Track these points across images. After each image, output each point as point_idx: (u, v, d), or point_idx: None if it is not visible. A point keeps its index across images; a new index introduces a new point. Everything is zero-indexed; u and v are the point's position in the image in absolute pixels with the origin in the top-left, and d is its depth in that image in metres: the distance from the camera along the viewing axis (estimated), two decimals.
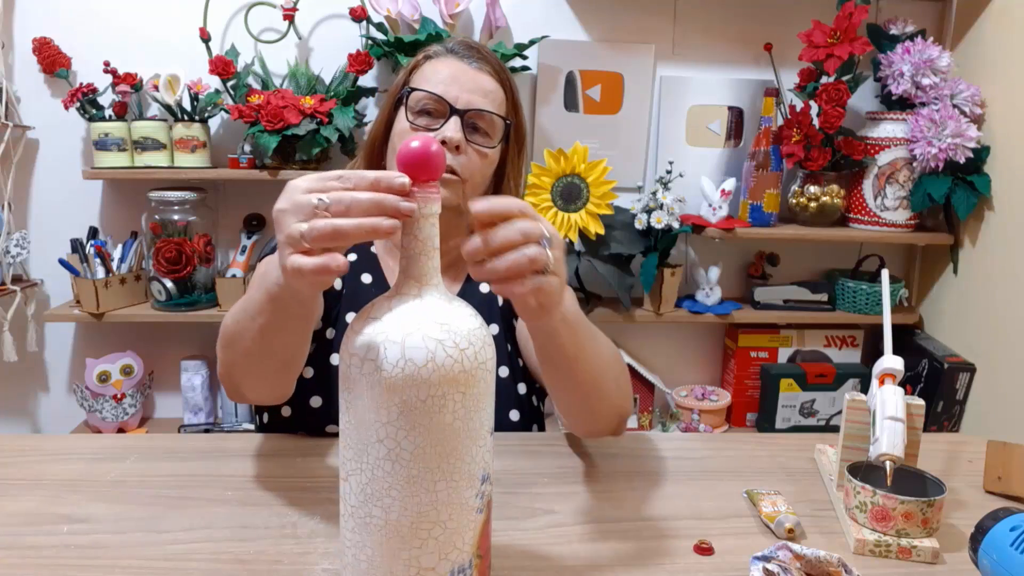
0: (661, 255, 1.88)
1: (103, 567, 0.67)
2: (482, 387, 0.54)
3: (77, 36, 1.81)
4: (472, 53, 0.99)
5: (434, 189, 0.54)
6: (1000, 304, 1.77)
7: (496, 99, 0.98)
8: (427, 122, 0.95)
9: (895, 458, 0.76)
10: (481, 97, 0.96)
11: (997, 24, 1.82)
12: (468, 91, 0.95)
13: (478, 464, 0.55)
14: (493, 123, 0.97)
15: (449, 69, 0.97)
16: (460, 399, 0.52)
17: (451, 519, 0.53)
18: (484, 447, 0.55)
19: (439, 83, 0.96)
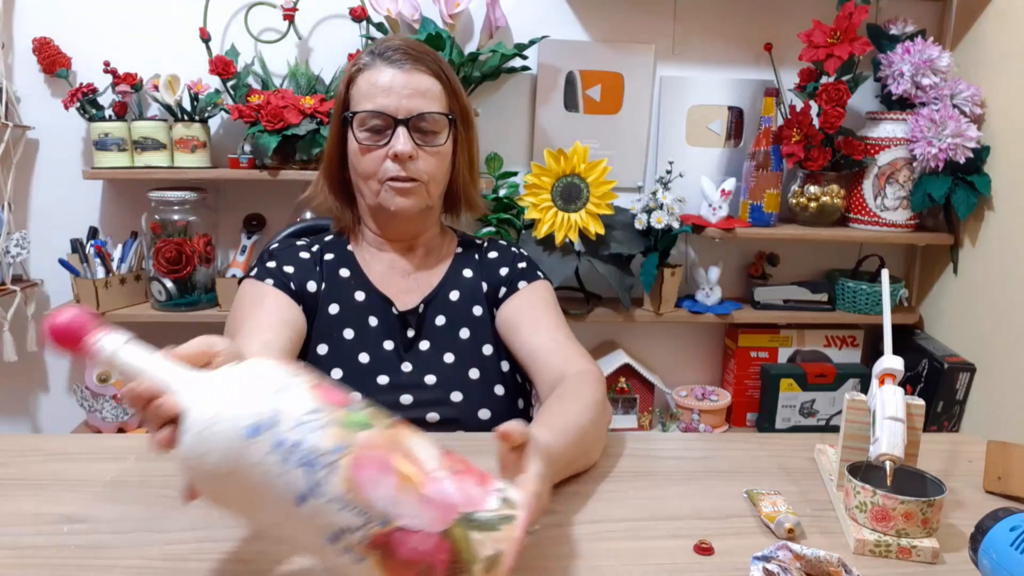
0: (661, 255, 1.88)
1: (103, 567, 0.67)
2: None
3: (77, 36, 1.81)
4: (400, 55, 1.01)
5: (95, 340, 0.56)
6: (1000, 304, 1.77)
7: (434, 95, 1.02)
8: (376, 138, 1.01)
9: (895, 458, 0.76)
10: (420, 99, 1.00)
11: (997, 24, 1.82)
12: (407, 97, 0.99)
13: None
14: (438, 120, 1.02)
15: (383, 78, 1.00)
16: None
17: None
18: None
19: (377, 96, 1.00)
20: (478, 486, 0.55)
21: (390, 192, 1.02)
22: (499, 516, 0.54)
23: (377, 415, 0.56)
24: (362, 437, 0.53)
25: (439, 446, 0.58)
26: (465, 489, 0.54)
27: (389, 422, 0.57)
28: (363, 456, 0.52)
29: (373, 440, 0.53)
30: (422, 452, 0.55)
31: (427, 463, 0.54)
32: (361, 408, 0.56)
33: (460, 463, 0.57)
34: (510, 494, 0.56)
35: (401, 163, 1.01)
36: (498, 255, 1.16)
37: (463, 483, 0.55)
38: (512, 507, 0.55)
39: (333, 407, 0.54)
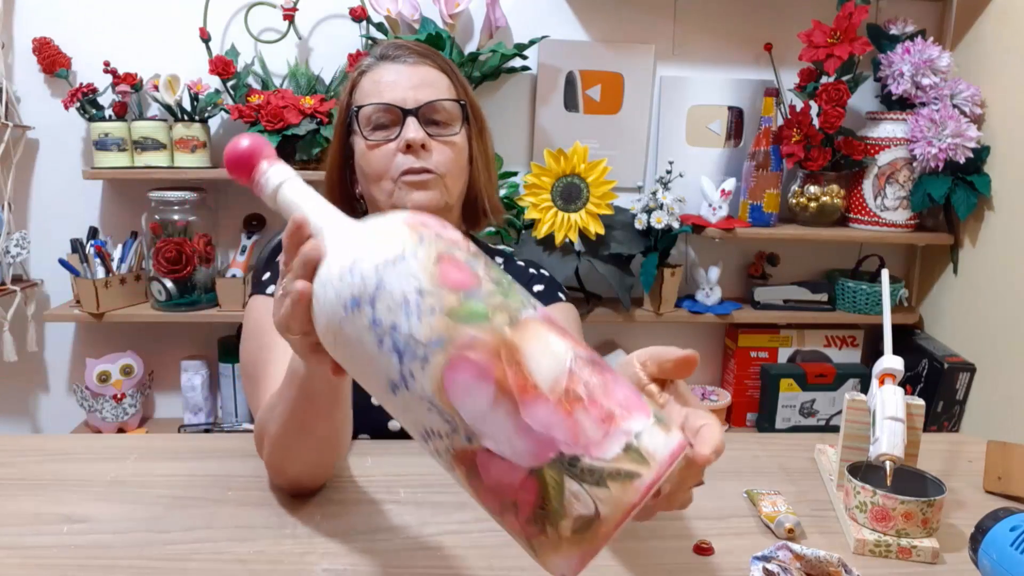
0: (661, 255, 1.88)
1: (103, 567, 0.67)
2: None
3: (77, 36, 1.81)
4: (403, 52, 0.98)
5: (263, 171, 0.56)
6: (1000, 304, 1.77)
7: (442, 86, 0.97)
8: (384, 134, 0.94)
9: (895, 458, 0.76)
10: (427, 88, 0.95)
11: (997, 24, 1.82)
12: (413, 88, 0.94)
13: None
14: (448, 109, 0.97)
15: (388, 75, 0.96)
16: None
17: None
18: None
19: (383, 92, 0.95)
20: (600, 423, 0.43)
21: (405, 188, 0.94)
22: (613, 470, 0.42)
23: (503, 306, 0.46)
24: (468, 333, 0.44)
25: (583, 355, 0.46)
26: (578, 423, 0.43)
27: (517, 316, 0.46)
28: (460, 357, 0.44)
29: (481, 339, 0.44)
30: (544, 363, 0.44)
31: (543, 378, 0.44)
32: (487, 295, 0.46)
33: (598, 386, 0.45)
34: (647, 442, 0.43)
35: (414, 153, 0.93)
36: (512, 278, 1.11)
37: (580, 414, 0.43)
38: (641, 461, 0.42)
39: (448, 290, 0.46)
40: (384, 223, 0.50)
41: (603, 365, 0.47)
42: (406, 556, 0.70)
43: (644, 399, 0.46)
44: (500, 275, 0.49)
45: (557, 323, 0.48)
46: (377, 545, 0.72)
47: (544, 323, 0.47)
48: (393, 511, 0.78)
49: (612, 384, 0.45)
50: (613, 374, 0.46)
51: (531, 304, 0.48)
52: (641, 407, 0.45)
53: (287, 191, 0.56)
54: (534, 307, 0.48)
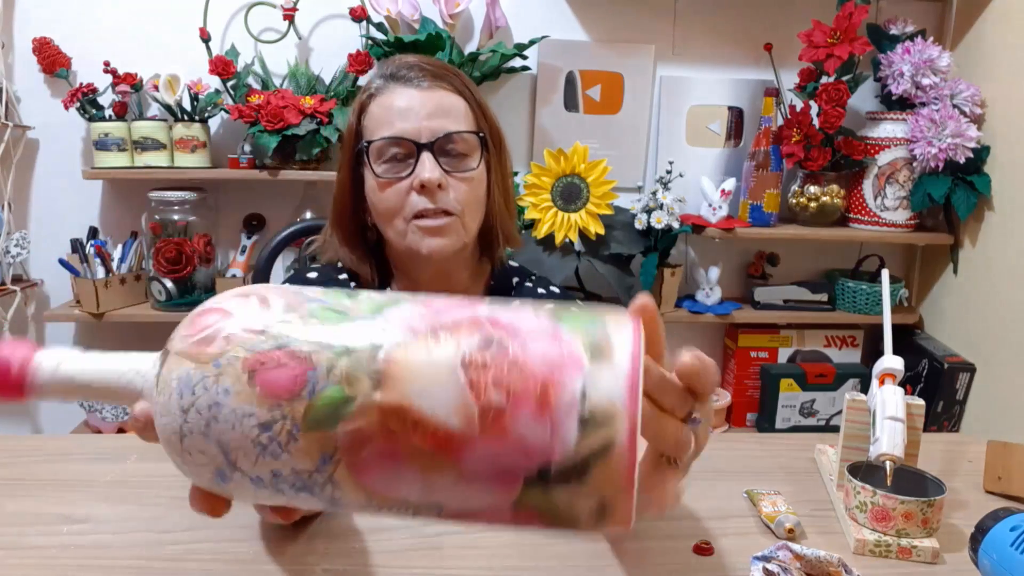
0: (661, 255, 1.88)
1: (103, 567, 0.67)
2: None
3: (77, 36, 1.81)
4: (416, 72, 0.88)
5: (29, 378, 0.44)
6: (1000, 304, 1.77)
7: (460, 113, 0.88)
8: (397, 169, 0.86)
9: (895, 458, 0.76)
10: (444, 118, 0.86)
11: (997, 24, 1.82)
12: (427, 118, 0.85)
13: None
14: (467, 140, 0.88)
15: (400, 100, 0.86)
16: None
17: None
18: None
19: (394, 121, 0.86)
20: (538, 417, 0.35)
21: (419, 233, 0.86)
22: (585, 455, 0.34)
23: (355, 366, 0.36)
24: (344, 431, 0.36)
25: (470, 342, 0.36)
26: (519, 439, 0.35)
27: (375, 367, 0.36)
28: (356, 459, 0.37)
29: (360, 427, 0.36)
30: (438, 396, 0.35)
31: (448, 416, 0.35)
32: (328, 369, 0.36)
33: (511, 370, 0.35)
34: (595, 395, 0.35)
35: (429, 194, 0.85)
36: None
37: (512, 425, 0.35)
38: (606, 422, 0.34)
39: (286, 402, 0.36)
40: (165, 371, 0.39)
41: (499, 327, 0.37)
42: (406, 556, 0.70)
43: (562, 335, 0.36)
44: (332, 300, 0.39)
45: (420, 329, 0.37)
46: (377, 545, 0.72)
47: (407, 349, 0.37)
48: None
49: (522, 352, 0.36)
50: (516, 334, 0.37)
51: (376, 332, 0.37)
52: (571, 354, 0.36)
53: (68, 374, 0.44)
54: (381, 333, 0.37)
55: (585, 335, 0.37)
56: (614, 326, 0.37)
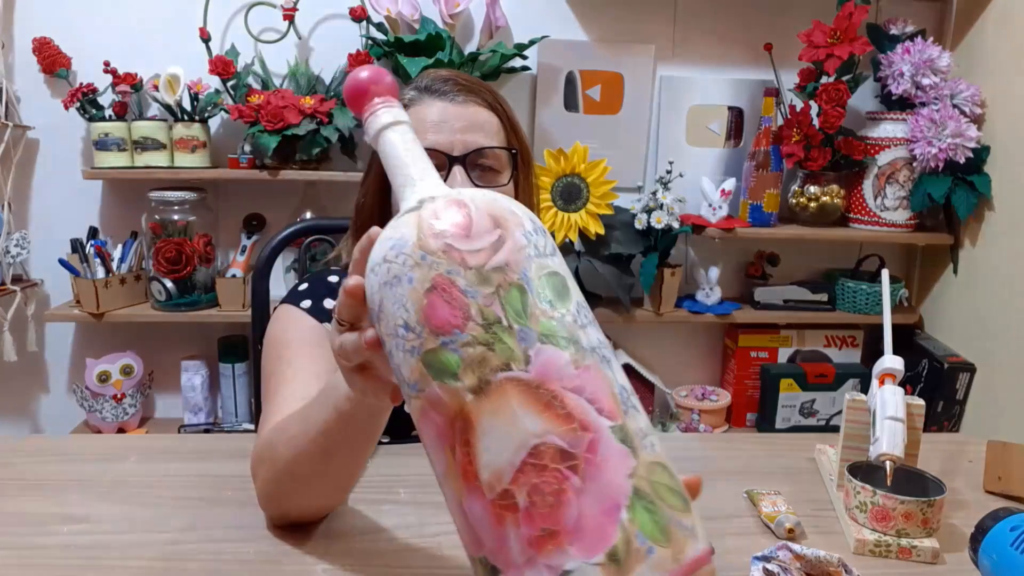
0: (661, 255, 1.88)
1: (103, 567, 0.67)
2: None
3: (77, 36, 1.81)
4: (451, 86, 0.89)
5: (381, 103, 0.50)
6: (1000, 304, 1.76)
7: (492, 129, 0.89)
8: None
9: (895, 458, 0.76)
10: (477, 132, 0.87)
11: (997, 24, 1.82)
12: (461, 131, 0.86)
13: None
14: (498, 156, 0.89)
15: (433, 113, 0.87)
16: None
17: None
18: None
19: (427, 132, 0.86)
20: (527, 546, 0.36)
21: None
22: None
23: (480, 362, 0.38)
24: (434, 390, 0.39)
25: (558, 443, 0.37)
26: (504, 537, 0.36)
27: (489, 378, 0.38)
28: (426, 411, 0.40)
29: (444, 401, 0.39)
30: (494, 449, 0.37)
31: (487, 468, 0.37)
32: (466, 343, 0.39)
33: (549, 496, 0.36)
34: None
35: None
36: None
37: (509, 527, 0.36)
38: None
39: (429, 331, 0.39)
40: (407, 222, 0.43)
41: (589, 462, 0.36)
42: (406, 556, 0.70)
43: (621, 524, 0.35)
44: (519, 305, 0.40)
45: (549, 386, 0.38)
46: (377, 545, 0.72)
47: (526, 390, 0.37)
48: (393, 511, 0.78)
49: (575, 495, 0.35)
50: (592, 479, 0.36)
51: (527, 355, 0.38)
52: (599, 537, 0.35)
53: (388, 139, 0.49)
54: (527, 360, 0.38)
55: (639, 536, 0.35)
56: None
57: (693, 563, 0.36)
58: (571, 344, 0.39)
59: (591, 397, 0.38)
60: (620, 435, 0.37)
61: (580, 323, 0.41)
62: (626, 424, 0.38)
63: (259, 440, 0.73)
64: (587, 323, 0.41)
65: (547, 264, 0.42)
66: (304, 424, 0.65)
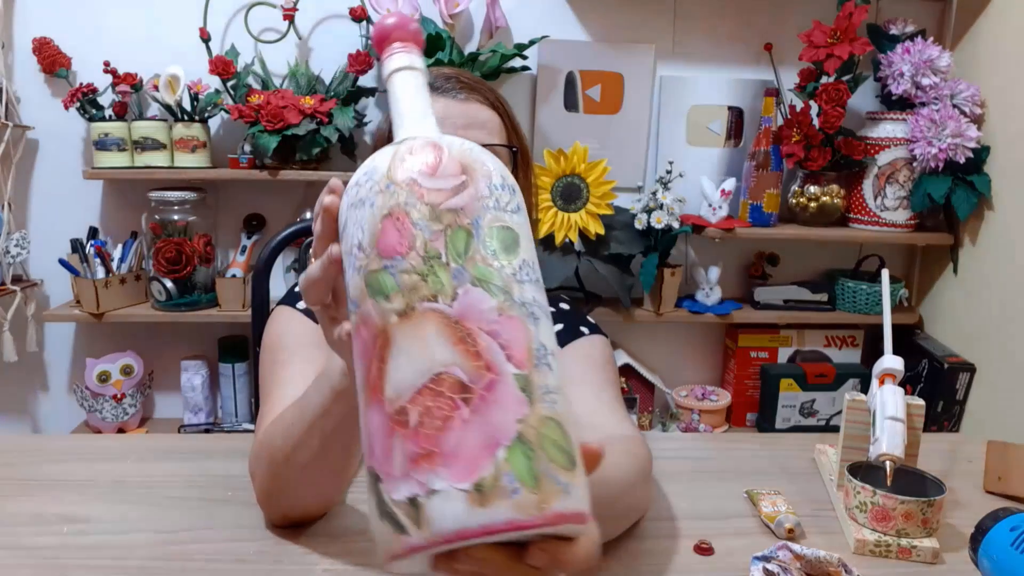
0: (661, 255, 1.88)
1: (103, 567, 0.67)
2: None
3: (77, 36, 1.81)
4: (454, 84, 0.89)
5: (400, 48, 0.52)
6: (1000, 304, 1.77)
7: (493, 128, 0.90)
8: None
9: (895, 458, 0.76)
10: (478, 130, 0.87)
11: (997, 24, 1.82)
12: (462, 128, 0.86)
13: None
14: (499, 154, 0.87)
15: (435, 109, 0.88)
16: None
17: None
18: None
19: None
20: (407, 461, 0.38)
21: None
22: (390, 511, 0.38)
23: (412, 288, 0.41)
24: (367, 308, 0.42)
25: (463, 377, 0.39)
26: (390, 449, 0.39)
27: (414, 305, 0.40)
28: (357, 327, 0.43)
29: (372, 319, 0.42)
30: (403, 369, 0.39)
31: (392, 386, 0.39)
32: (405, 270, 0.41)
33: (438, 420, 0.38)
34: (436, 505, 0.37)
35: None
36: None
37: (396, 441, 0.39)
38: (415, 520, 0.37)
39: (376, 253, 0.42)
40: (385, 153, 0.46)
41: (483, 398, 0.38)
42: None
43: (496, 460, 0.37)
44: (461, 247, 0.42)
45: (466, 324, 0.40)
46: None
47: (444, 323, 0.40)
48: None
49: (461, 425, 0.38)
50: (480, 413, 0.38)
51: (455, 292, 0.40)
52: (471, 467, 0.37)
53: (395, 82, 0.52)
54: (454, 296, 0.40)
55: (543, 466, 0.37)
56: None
57: (555, 516, 0.37)
58: (502, 293, 0.41)
59: (504, 343, 0.40)
60: (522, 383, 0.39)
61: (519, 278, 0.43)
62: (531, 376, 0.40)
63: (256, 439, 0.73)
64: (527, 280, 0.43)
65: (503, 219, 0.44)
66: (301, 412, 0.65)
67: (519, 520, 0.36)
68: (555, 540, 0.40)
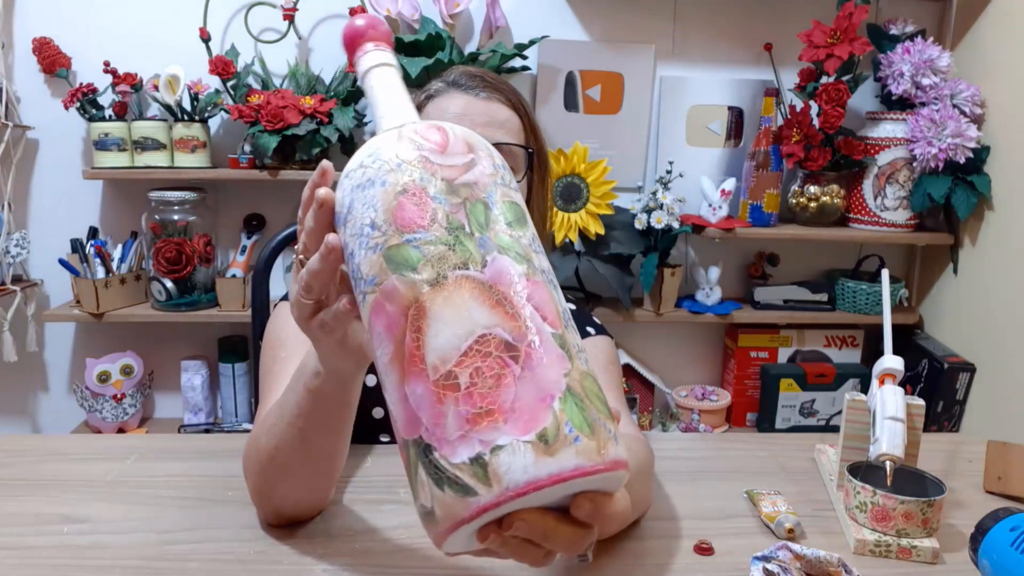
0: (661, 255, 1.88)
1: (103, 567, 0.67)
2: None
3: (77, 36, 1.81)
4: (477, 82, 0.90)
5: (373, 47, 0.54)
6: (1000, 304, 1.77)
7: (512, 127, 0.90)
8: None
9: (895, 458, 0.76)
10: (496, 129, 0.88)
11: (997, 24, 1.82)
12: (481, 125, 0.87)
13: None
14: (514, 154, 0.90)
15: (456, 105, 0.88)
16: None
17: None
18: None
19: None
20: (464, 422, 0.38)
21: None
22: (452, 475, 0.38)
23: (439, 259, 0.42)
24: (392, 282, 0.42)
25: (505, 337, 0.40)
26: (442, 414, 0.39)
27: (446, 274, 0.41)
28: (379, 304, 0.43)
29: (400, 292, 0.42)
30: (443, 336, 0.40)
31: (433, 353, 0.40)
32: (429, 242, 0.42)
33: (488, 379, 0.39)
34: (502, 460, 0.37)
35: None
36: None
37: (448, 404, 0.39)
38: (483, 479, 0.38)
39: (395, 229, 0.43)
40: (388, 136, 0.47)
41: (529, 355, 0.39)
42: (406, 556, 0.70)
43: (553, 411, 0.38)
44: (482, 218, 0.44)
45: (501, 288, 0.41)
46: (377, 545, 0.72)
47: (480, 288, 0.41)
48: (393, 511, 0.78)
49: (514, 381, 0.39)
50: (530, 369, 0.39)
51: (484, 259, 0.42)
52: (532, 419, 0.38)
53: (373, 78, 0.53)
54: (484, 263, 0.42)
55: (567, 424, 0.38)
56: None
57: (613, 463, 0.39)
58: (524, 260, 0.43)
59: (537, 305, 0.42)
60: (560, 341, 0.41)
61: (535, 248, 0.45)
62: (565, 335, 0.42)
63: (248, 439, 0.74)
64: (540, 251, 0.46)
65: (511, 195, 0.47)
66: (281, 411, 0.66)
67: (585, 466, 0.37)
68: (597, 493, 0.40)
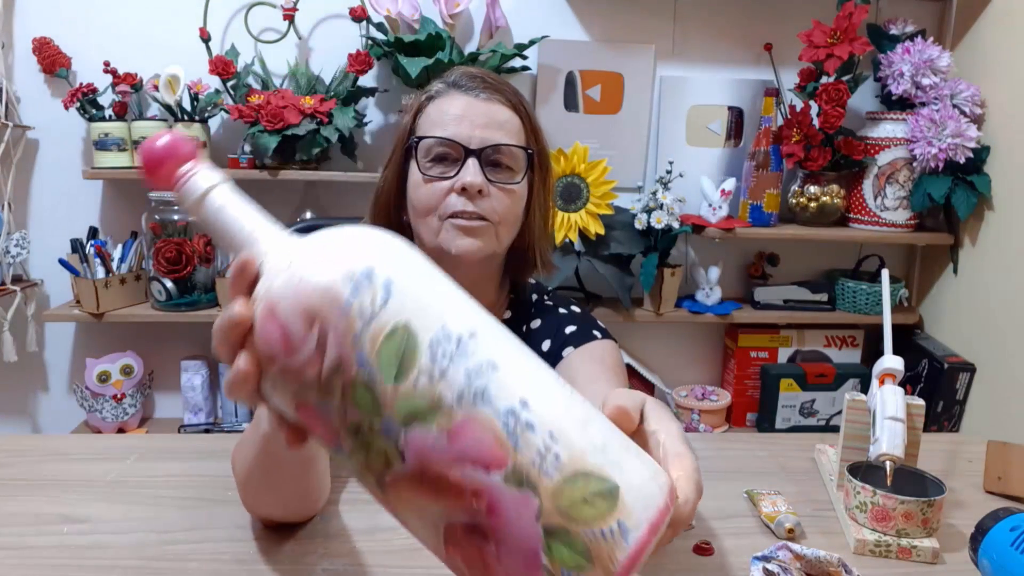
0: (661, 255, 1.88)
1: (103, 567, 0.67)
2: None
3: (77, 36, 1.81)
4: (477, 83, 0.90)
5: (184, 176, 0.47)
6: (1000, 304, 1.77)
7: (512, 128, 0.90)
8: (442, 169, 0.87)
9: (895, 458, 0.76)
10: (496, 130, 0.88)
11: (997, 24, 1.82)
12: (481, 127, 0.87)
13: None
14: (514, 155, 0.89)
15: (456, 106, 0.88)
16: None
17: None
18: None
19: (448, 124, 0.87)
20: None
21: (452, 231, 0.86)
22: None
23: (367, 471, 0.39)
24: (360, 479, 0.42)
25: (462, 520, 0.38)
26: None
27: (383, 482, 0.39)
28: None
29: (368, 490, 0.41)
30: (418, 532, 0.40)
31: (426, 545, 0.40)
32: (350, 455, 0.39)
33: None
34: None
35: (469, 198, 0.86)
36: (541, 324, 1.00)
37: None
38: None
39: (321, 443, 0.41)
40: (291, 251, 0.42)
41: (495, 527, 0.36)
42: (406, 556, 0.70)
43: (544, 569, 0.36)
44: (368, 402, 0.38)
45: (430, 470, 0.37)
46: (377, 545, 0.72)
47: (411, 484, 0.38)
48: None
49: (496, 562, 0.37)
50: (502, 541, 0.36)
51: (399, 449, 0.37)
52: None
53: (212, 205, 0.46)
54: (402, 455, 0.37)
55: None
56: None
57: (628, 562, 0.35)
58: (434, 410, 0.37)
59: (473, 458, 0.36)
60: (515, 480, 0.36)
61: (439, 372, 0.37)
62: (517, 463, 0.36)
63: (233, 450, 0.76)
64: (447, 362, 0.37)
65: (380, 326, 0.37)
66: (247, 443, 0.69)
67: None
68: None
